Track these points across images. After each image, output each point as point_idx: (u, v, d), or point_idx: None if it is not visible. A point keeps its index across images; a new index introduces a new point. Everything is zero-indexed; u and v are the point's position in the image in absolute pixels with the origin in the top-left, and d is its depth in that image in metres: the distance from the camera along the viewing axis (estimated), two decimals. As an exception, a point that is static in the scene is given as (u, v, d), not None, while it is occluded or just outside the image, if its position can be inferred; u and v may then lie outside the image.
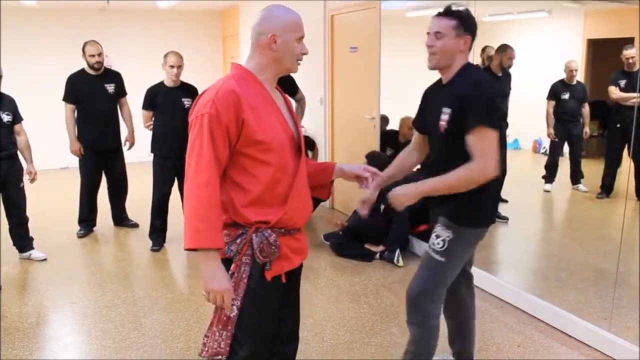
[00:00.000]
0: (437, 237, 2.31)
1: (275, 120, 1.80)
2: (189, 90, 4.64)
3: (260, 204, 1.77)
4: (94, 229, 5.24)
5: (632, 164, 4.08)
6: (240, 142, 1.72)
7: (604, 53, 4.24)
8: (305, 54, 1.96)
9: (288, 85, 4.47)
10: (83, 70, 4.97)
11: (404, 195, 2.21)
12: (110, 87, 5.02)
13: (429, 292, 2.38)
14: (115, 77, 5.12)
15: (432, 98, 2.47)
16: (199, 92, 4.70)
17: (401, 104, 5.27)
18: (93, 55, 4.87)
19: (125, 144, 5.19)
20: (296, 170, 1.83)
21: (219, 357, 1.81)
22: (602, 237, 4.11)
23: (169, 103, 4.55)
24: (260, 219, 1.77)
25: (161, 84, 4.60)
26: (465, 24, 2.22)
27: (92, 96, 4.93)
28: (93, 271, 4.30)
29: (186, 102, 4.58)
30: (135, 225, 5.33)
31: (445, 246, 2.28)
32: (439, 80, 2.45)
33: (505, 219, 4.74)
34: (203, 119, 1.69)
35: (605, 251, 4.07)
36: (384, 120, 5.21)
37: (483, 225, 2.34)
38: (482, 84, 2.22)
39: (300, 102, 4.63)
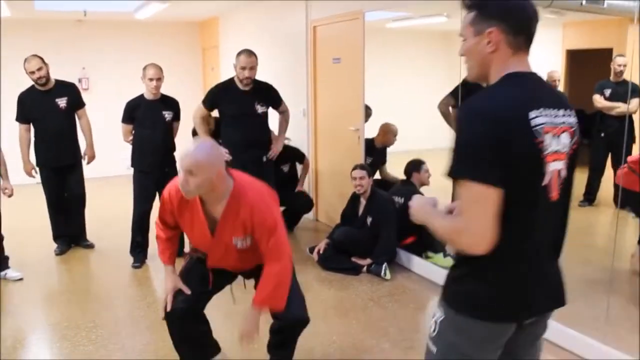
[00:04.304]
0: (432, 317, 1.66)
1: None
2: (170, 103, 4.55)
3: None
4: (72, 245, 5.08)
5: (614, 173, 4.12)
6: None
7: (582, 63, 4.27)
8: None
9: (271, 98, 4.42)
10: (33, 87, 4.70)
11: (416, 211, 1.64)
12: (62, 102, 4.71)
13: None
14: (67, 90, 4.80)
15: None
16: (180, 105, 4.65)
17: (381, 113, 5.25)
18: (33, 72, 4.55)
19: (84, 158, 4.96)
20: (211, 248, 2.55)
21: None
22: (588, 245, 4.11)
23: (149, 116, 4.44)
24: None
25: (141, 97, 4.48)
26: (484, 10, 1.50)
27: (43, 113, 4.66)
28: (72, 290, 4.15)
29: (167, 115, 4.49)
30: (91, 246, 5.07)
31: (436, 330, 1.62)
32: None
33: None
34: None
35: (592, 260, 4.06)
36: (367, 109, 5.13)
37: (483, 316, 1.52)
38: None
39: (284, 114, 4.57)
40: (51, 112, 4.69)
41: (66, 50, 8.09)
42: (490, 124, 1.39)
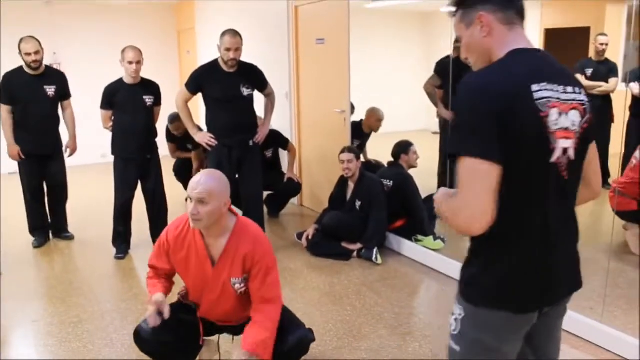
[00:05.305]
0: (452, 315, 1.58)
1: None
2: (150, 87, 4.37)
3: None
4: (51, 237, 4.90)
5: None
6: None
7: (560, 42, 4.25)
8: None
9: (257, 80, 4.29)
10: (21, 68, 4.48)
11: (439, 204, 1.51)
12: (51, 89, 4.53)
13: None
14: (57, 78, 4.65)
15: None
16: (161, 89, 4.47)
17: (361, 95, 5.16)
18: (29, 54, 4.37)
19: (65, 151, 4.77)
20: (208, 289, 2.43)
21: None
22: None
23: (130, 101, 4.26)
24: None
25: (120, 81, 4.29)
26: (468, 3, 1.50)
27: (29, 98, 4.45)
28: (54, 284, 3.99)
29: (147, 99, 4.32)
30: (71, 238, 4.91)
31: (459, 328, 1.55)
32: None
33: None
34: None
35: (581, 240, 4.06)
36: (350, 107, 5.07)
37: (505, 307, 1.45)
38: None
39: (270, 96, 4.44)
40: (38, 98, 4.49)
41: (35, 34, 7.72)
42: (491, 98, 1.34)
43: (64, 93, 4.70)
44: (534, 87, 1.37)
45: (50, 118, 4.62)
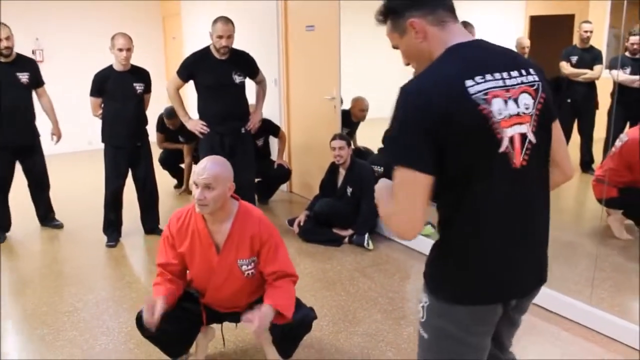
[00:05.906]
0: (419, 302, 1.60)
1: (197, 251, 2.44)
2: (141, 75, 4.33)
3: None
4: (39, 227, 4.87)
5: (580, 138, 4.21)
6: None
7: (544, 29, 4.30)
8: None
9: (248, 67, 4.28)
10: None
11: (375, 196, 1.58)
12: (24, 77, 4.42)
13: None
14: (29, 65, 4.52)
15: None
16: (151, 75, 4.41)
17: (351, 83, 5.16)
18: (0, 40, 4.28)
19: (52, 139, 4.69)
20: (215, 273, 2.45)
21: None
22: (560, 210, 4.20)
23: (120, 88, 4.22)
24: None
25: (110, 68, 4.25)
26: (394, 11, 1.50)
27: (2, 85, 4.33)
28: (46, 274, 3.97)
29: (138, 87, 4.29)
30: (60, 226, 4.87)
31: (424, 316, 1.57)
32: None
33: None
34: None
35: (564, 223, 4.16)
36: None
37: (464, 301, 1.47)
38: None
39: (261, 84, 4.43)
40: (11, 86, 4.37)
41: (16, 19, 7.62)
42: (423, 106, 1.35)
43: (37, 80, 4.59)
44: (468, 83, 1.36)
45: (25, 106, 4.49)
